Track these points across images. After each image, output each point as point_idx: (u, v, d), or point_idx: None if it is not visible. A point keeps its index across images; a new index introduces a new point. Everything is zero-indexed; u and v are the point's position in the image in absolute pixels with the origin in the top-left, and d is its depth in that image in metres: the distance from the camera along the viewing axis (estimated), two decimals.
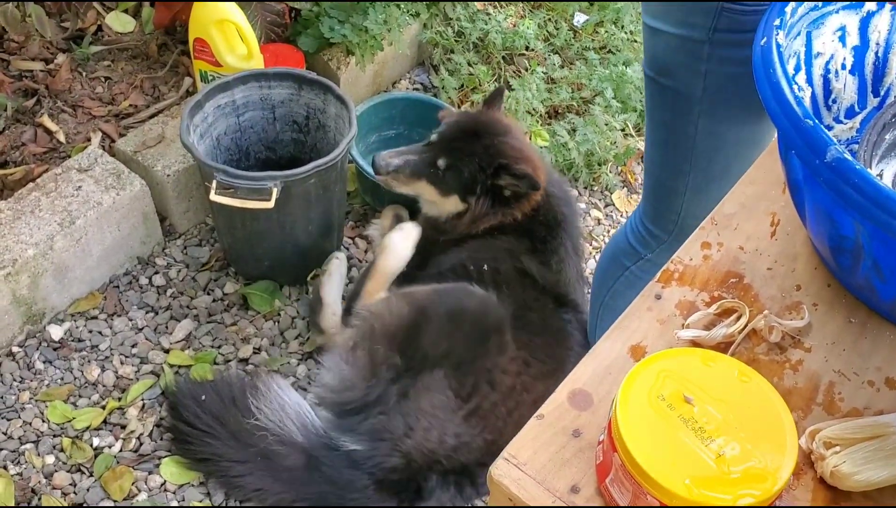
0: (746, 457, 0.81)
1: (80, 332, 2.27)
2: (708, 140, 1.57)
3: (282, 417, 1.98)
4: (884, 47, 1.21)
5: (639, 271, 1.85)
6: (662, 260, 1.77)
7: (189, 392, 2.06)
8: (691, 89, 1.51)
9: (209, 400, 2.02)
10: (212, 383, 2.10)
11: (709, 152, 1.59)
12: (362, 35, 2.67)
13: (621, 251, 1.90)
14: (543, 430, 0.94)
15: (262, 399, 1.99)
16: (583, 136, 2.81)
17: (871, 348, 1.04)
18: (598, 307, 2.03)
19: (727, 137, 1.56)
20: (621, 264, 1.89)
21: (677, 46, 1.50)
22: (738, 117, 1.52)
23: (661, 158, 1.69)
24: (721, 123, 1.54)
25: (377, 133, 2.78)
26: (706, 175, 1.62)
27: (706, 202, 1.63)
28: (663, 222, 1.76)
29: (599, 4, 3.23)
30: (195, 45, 2.45)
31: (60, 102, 2.62)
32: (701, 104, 1.52)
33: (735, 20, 1.41)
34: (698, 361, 0.89)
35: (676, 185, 1.67)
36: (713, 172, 1.62)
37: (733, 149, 1.58)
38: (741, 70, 1.43)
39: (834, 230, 0.98)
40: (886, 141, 1.13)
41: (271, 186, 2.06)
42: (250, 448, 1.95)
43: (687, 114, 1.55)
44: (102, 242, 2.29)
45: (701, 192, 1.65)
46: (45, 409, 2.11)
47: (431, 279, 2.18)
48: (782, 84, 0.95)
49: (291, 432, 1.96)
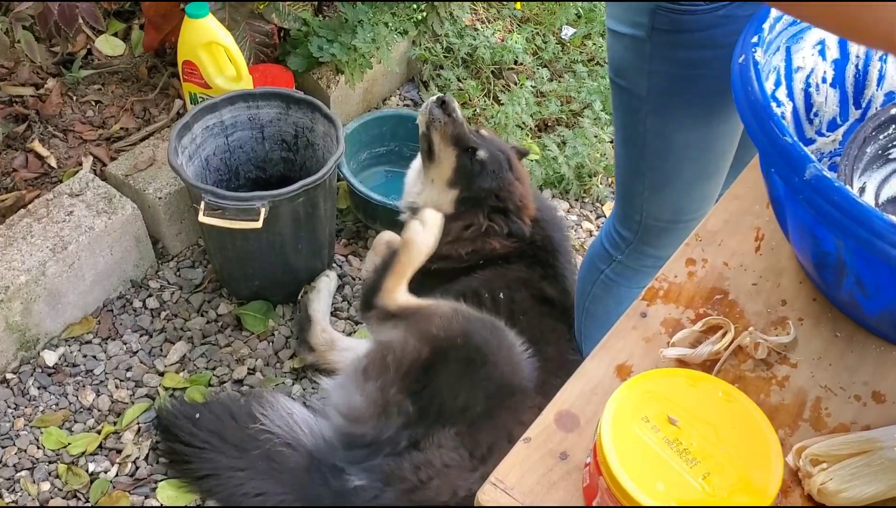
0: (732, 477, 0.81)
1: (74, 357, 2.27)
2: (657, 141, 1.58)
3: (289, 423, 1.95)
4: (864, 60, 1.21)
5: (612, 273, 1.87)
6: (631, 262, 1.81)
7: (182, 413, 2.05)
8: (639, 89, 1.53)
9: (204, 419, 2.00)
10: (205, 404, 2.09)
11: (660, 153, 1.60)
12: (351, 54, 2.68)
13: (597, 256, 1.92)
14: (531, 453, 0.94)
15: (269, 408, 1.97)
16: (572, 148, 2.82)
17: (857, 362, 1.04)
18: (581, 314, 2.05)
19: (674, 138, 1.57)
20: (597, 268, 1.91)
21: (627, 46, 1.52)
22: (682, 119, 1.54)
23: (622, 160, 1.71)
24: (667, 125, 1.56)
25: (368, 150, 2.78)
26: (660, 176, 1.64)
27: (663, 204, 1.68)
28: (629, 223, 1.77)
29: (587, 17, 3.24)
30: (184, 67, 2.46)
31: (51, 127, 2.63)
32: (647, 104, 1.53)
33: (670, 19, 1.42)
34: (682, 381, 0.89)
35: (635, 185, 1.69)
36: (666, 173, 1.63)
37: (682, 151, 1.59)
38: (681, 72, 1.46)
39: (816, 247, 0.99)
40: (868, 154, 1.14)
41: (259, 207, 2.07)
42: (253, 453, 1.92)
43: (637, 113, 1.56)
44: (95, 266, 2.29)
45: (657, 193, 1.67)
46: (40, 435, 2.11)
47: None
48: (760, 102, 0.96)
49: (299, 435, 1.93)
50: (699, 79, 1.46)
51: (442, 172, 2.26)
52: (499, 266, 2.23)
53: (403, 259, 2.13)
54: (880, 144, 1.15)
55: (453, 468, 1.81)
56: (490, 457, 1.82)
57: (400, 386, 1.90)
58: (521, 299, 2.16)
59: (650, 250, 1.78)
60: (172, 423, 2.04)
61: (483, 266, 2.23)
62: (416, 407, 1.88)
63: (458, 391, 1.88)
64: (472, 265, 2.23)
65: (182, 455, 2.01)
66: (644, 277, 1.83)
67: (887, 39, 0.79)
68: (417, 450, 1.83)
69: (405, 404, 1.88)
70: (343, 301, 2.49)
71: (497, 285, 2.17)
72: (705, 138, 1.56)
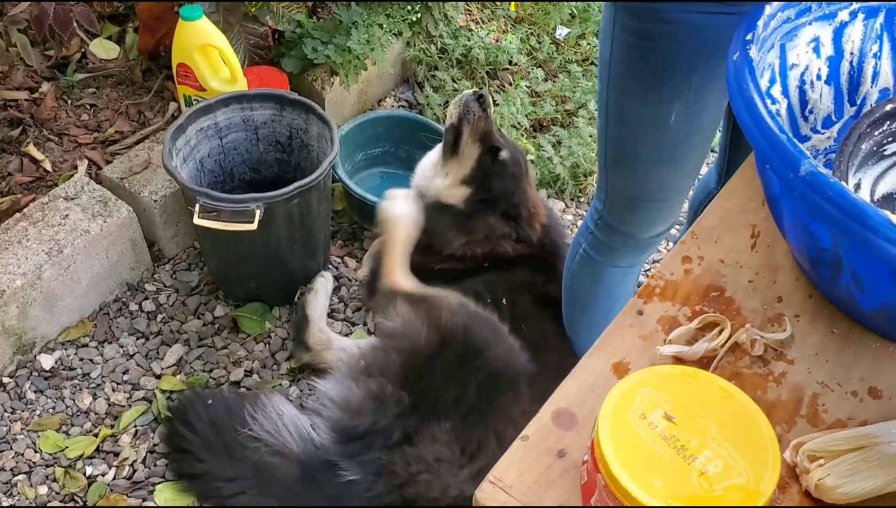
0: (729, 474, 0.81)
1: (70, 360, 2.26)
2: (617, 111, 1.59)
3: (278, 426, 1.95)
4: (858, 57, 1.22)
5: (588, 247, 1.87)
6: (602, 235, 1.82)
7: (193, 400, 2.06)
8: (605, 54, 1.54)
9: (203, 415, 2.01)
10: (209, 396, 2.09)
11: (618, 125, 1.61)
12: (346, 55, 2.68)
13: (580, 231, 1.93)
14: (528, 451, 0.94)
15: (261, 411, 1.97)
16: (567, 148, 2.82)
17: (853, 358, 1.04)
18: (565, 292, 2.06)
19: (629, 110, 1.57)
20: (578, 242, 1.91)
21: (604, 11, 1.54)
22: (635, 92, 1.53)
23: (597, 125, 1.72)
24: (623, 95, 1.56)
25: (363, 152, 2.78)
26: (618, 150, 1.65)
27: (624, 179, 1.68)
28: (601, 193, 1.78)
29: (581, 17, 3.25)
30: (178, 70, 2.46)
31: (46, 131, 2.62)
32: (610, 70, 1.54)
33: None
34: (679, 378, 0.89)
35: (601, 152, 1.70)
36: (623, 147, 1.64)
37: (637, 127, 1.59)
38: (636, 41, 1.46)
39: (812, 243, 0.99)
40: (863, 151, 1.14)
41: (254, 208, 2.07)
42: (243, 463, 1.92)
43: (603, 80, 1.58)
44: (91, 269, 2.28)
45: (617, 166, 1.68)
46: (38, 439, 2.10)
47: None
48: (755, 99, 0.96)
49: (287, 442, 1.93)
50: (651, 52, 1.45)
51: (462, 168, 2.25)
52: (503, 270, 2.23)
53: (391, 237, 2.19)
54: (875, 140, 1.15)
55: (444, 463, 1.81)
56: (479, 454, 1.83)
57: (399, 375, 1.91)
58: (523, 303, 2.16)
59: (617, 225, 1.77)
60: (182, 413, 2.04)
61: (487, 269, 2.23)
62: (412, 397, 1.88)
63: (453, 384, 1.89)
64: (477, 268, 2.23)
65: (181, 452, 2.01)
66: (616, 254, 1.83)
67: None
68: (410, 444, 1.84)
69: (402, 396, 1.89)
70: (339, 303, 2.49)
71: (500, 288, 2.18)
72: (659, 117, 1.53)
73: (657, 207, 1.72)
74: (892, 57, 1.22)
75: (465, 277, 2.21)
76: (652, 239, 1.81)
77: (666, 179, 1.67)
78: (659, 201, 1.70)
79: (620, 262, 1.86)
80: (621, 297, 1.90)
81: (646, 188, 1.68)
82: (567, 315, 2.08)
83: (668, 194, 1.70)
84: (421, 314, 2.00)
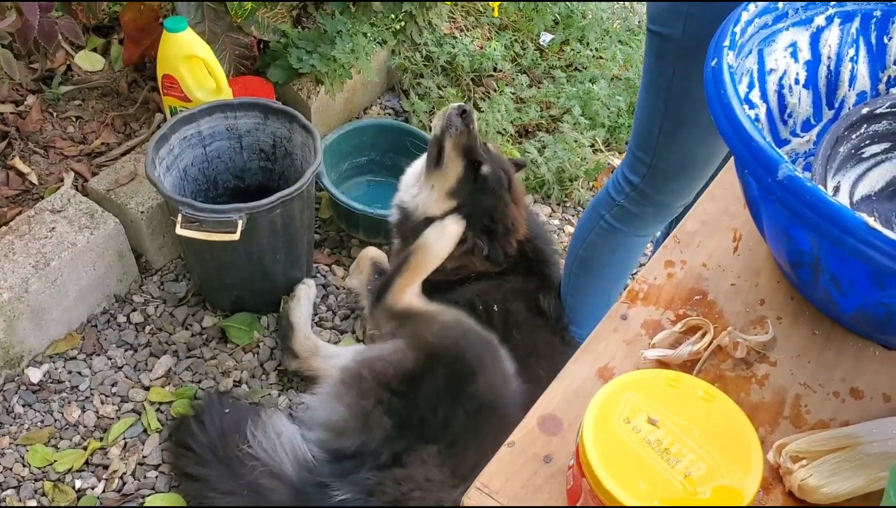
0: (713, 476, 0.82)
1: (59, 373, 2.26)
2: (682, 83, 1.66)
3: (275, 446, 1.95)
4: (835, 61, 1.23)
5: (612, 218, 1.94)
6: (633, 206, 1.88)
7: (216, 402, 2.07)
8: (673, 31, 1.60)
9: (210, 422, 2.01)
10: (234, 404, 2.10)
11: (681, 94, 1.68)
12: (331, 64, 2.69)
13: (600, 203, 1.98)
14: (515, 457, 0.95)
15: (261, 430, 1.97)
16: (553, 153, 2.84)
17: (835, 359, 1.05)
18: (571, 263, 2.10)
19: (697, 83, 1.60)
20: (598, 214, 1.98)
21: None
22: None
23: (643, 101, 1.79)
24: (696, 67, 1.59)
25: (349, 160, 2.79)
26: (676, 120, 1.72)
27: (676, 148, 1.76)
28: (638, 167, 1.85)
29: (565, 23, 3.26)
30: (164, 81, 2.46)
31: (32, 144, 2.62)
32: (678, 47, 1.61)
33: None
34: (662, 382, 0.90)
35: (652, 126, 1.76)
36: (683, 117, 1.71)
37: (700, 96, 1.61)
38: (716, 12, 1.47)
39: (792, 246, 1.00)
40: (841, 154, 1.15)
41: (236, 218, 2.07)
42: (239, 479, 1.92)
43: (667, 56, 1.65)
44: (78, 282, 2.28)
45: (671, 135, 1.74)
46: (26, 453, 2.09)
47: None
48: (733, 104, 0.97)
49: (283, 464, 1.93)
50: None
51: (445, 181, 2.24)
52: (495, 278, 2.23)
53: (414, 262, 2.15)
54: (853, 143, 1.17)
55: (434, 483, 1.80)
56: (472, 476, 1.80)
57: (381, 396, 1.90)
58: (516, 310, 2.17)
59: (655, 195, 1.86)
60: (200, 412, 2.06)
61: (479, 278, 2.23)
62: (397, 419, 1.87)
63: (439, 406, 1.88)
64: (464, 279, 2.23)
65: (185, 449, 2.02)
66: (643, 223, 1.93)
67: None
68: (400, 466, 1.83)
69: (384, 421, 1.88)
70: (328, 311, 2.49)
71: (493, 296, 2.18)
72: None
73: (698, 175, 1.82)
74: (869, 61, 1.24)
75: (455, 286, 2.22)
76: (680, 207, 1.91)
77: (717, 146, 1.75)
78: (703, 169, 1.80)
79: (645, 231, 1.97)
80: (634, 263, 2.07)
81: (697, 157, 1.77)
82: (572, 285, 2.13)
83: (714, 162, 1.79)
84: (407, 330, 1.99)
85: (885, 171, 1.19)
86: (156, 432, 2.16)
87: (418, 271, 2.16)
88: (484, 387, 1.89)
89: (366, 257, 2.43)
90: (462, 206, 2.22)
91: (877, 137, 1.18)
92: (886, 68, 1.24)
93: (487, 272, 2.23)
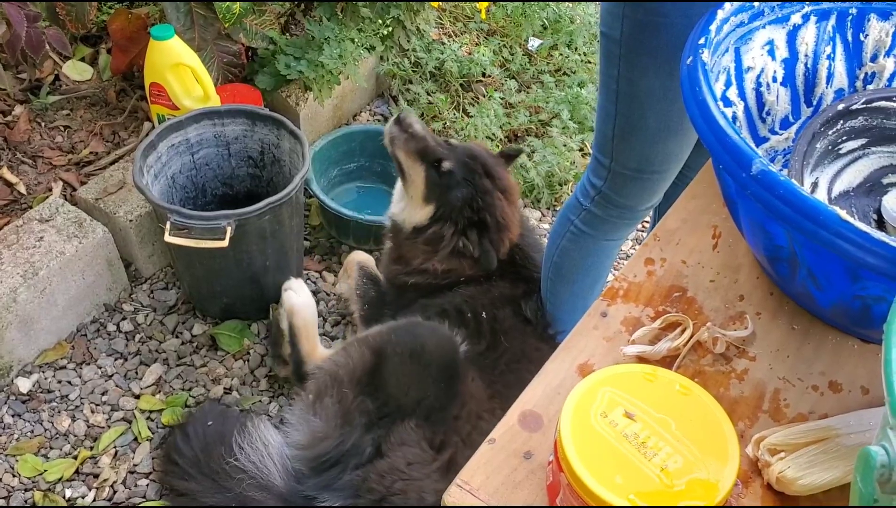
0: (689, 469, 0.83)
1: (48, 383, 2.26)
2: (627, 86, 1.66)
3: (263, 457, 1.94)
4: (812, 58, 1.24)
5: (581, 223, 1.94)
6: (599, 210, 1.89)
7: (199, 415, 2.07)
8: (614, 32, 1.60)
9: (196, 433, 2.01)
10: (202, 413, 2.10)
11: (628, 99, 1.68)
12: (319, 70, 2.70)
13: (569, 208, 1.98)
14: (495, 454, 0.95)
15: (248, 440, 1.96)
16: (542, 157, 2.85)
17: (814, 353, 1.06)
18: (547, 270, 2.10)
19: (640, 85, 1.64)
20: (568, 219, 1.97)
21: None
22: (647, 66, 1.60)
23: (599, 104, 1.79)
24: (634, 70, 1.63)
25: (338, 167, 2.80)
26: (628, 123, 1.71)
27: (630, 152, 1.76)
28: (600, 171, 1.85)
29: (553, 28, 3.28)
30: (151, 89, 2.47)
31: (20, 154, 2.62)
32: (621, 48, 1.61)
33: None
34: (639, 376, 0.90)
35: (607, 129, 1.76)
36: (633, 120, 1.70)
37: (647, 99, 1.65)
38: (646, 18, 1.53)
39: (769, 241, 1.01)
40: (818, 150, 1.16)
41: (225, 225, 2.07)
42: (227, 493, 1.91)
43: (612, 57, 1.64)
44: (67, 291, 2.28)
45: (625, 140, 1.74)
46: (16, 463, 2.09)
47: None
48: (708, 101, 0.98)
49: (272, 475, 1.92)
50: (661, 27, 1.52)
51: (416, 189, 2.26)
52: (481, 283, 2.22)
53: (298, 324, 2.22)
54: (830, 139, 1.17)
55: (415, 465, 1.82)
56: (446, 447, 1.85)
57: (355, 389, 1.93)
58: (503, 317, 2.16)
59: (617, 198, 1.85)
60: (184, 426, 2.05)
61: (466, 282, 2.23)
62: (376, 403, 1.90)
63: (406, 382, 1.92)
64: (453, 283, 2.23)
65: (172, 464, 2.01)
66: (611, 227, 1.92)
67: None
68: (381, 457, 1.84)
69: (364, 401, 1.90)
70: (318, 317, 2.49)
71: (480, 301, 2.17)
72: (668, 89, 1.60)
73: (659, 177, 1.81)
74: (846, 58, 1.25)
75: (443, 290, 2.22)
76: (645, 210, 1.90)
77: (671, 149, 1.74)
78: (661, 172, 1.79)
79: (614, 235, 1.96)
80: (608, 268, 2.05)
81: (652, 159, 1.76)
82: (551, 291, 2.12)
83: (671, 164, 1.78)
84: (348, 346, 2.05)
85: (863, 166, 1.20)
86: (146, 440, 2.16)
87: (307, 330, 2.24)
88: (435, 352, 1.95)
89: (353, 261, 2.44)
90: (441, 207, 2.23)
91: (854, 133, 1.19)
92: (863, 65, 1.25)
93: (476, 276, 2.22)
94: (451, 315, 2.14)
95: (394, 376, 1.93)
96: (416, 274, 2.24)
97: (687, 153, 1.80)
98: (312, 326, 2.25)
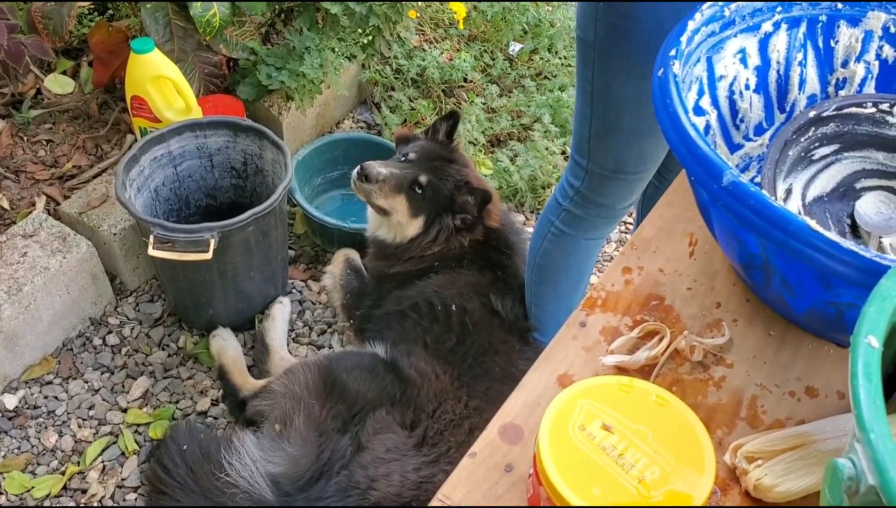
0: (666, 480, 0.84)
1: (35, 399, 2.25)
2: (601, 88, 1.69)
3: (252, 473, 1.94)
4: (784, 65, 1.25)
5: (561, 223, 1.97)
6: (578, 210, 1.91)
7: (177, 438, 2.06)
8: (588, 36, 1.63)
9: (185, 453, 2.00)
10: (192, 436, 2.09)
11: (603, 101, 1.71)
12: (300, 80, 2.70)
13: (549, 209, 2.01)
14: (476, 468, 0.96)
15: (236, 457, 1.96)
16: (524, 161, 2.86)
17: (790, 359, 1.07)
18: (530, 273, 2.13)
19: (614, 87, 1.67)
20: (549, 220, 2.00)
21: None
22: (620, 69, 1.63)
23: (576, 106, 1.81)
24: (608, 73, 1.66)
25: (322, 175, 2.80)
26: (603, 124, 1.74)
27: (607, 153, 1.79)
28: (578, 172, 1.87)
29: (533, 32, 3.29)
30: (133, 102, 2.47)
31: (3, 169, 2.62)
32: (594, 50, 1.63)
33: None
34: (615, 388, 0.91)
35: (584, 130, 1.79)
36: (608, 122, 1.73)
37: (621, 101, 1.68)
38: (619, 22, 1.55)
39: (742, 249, 1.02)
40: (791, 157, 1.17)
41: (208, 237, 2.07)
42: None
43: (587, 60, 1.67)
44: (52, 306, 2.28)
45: (601, 141, 1.77)
46: (3, 480, 2.09)
47: (392, 317, 2.23)
48: (679, 113, 0.99)
49: (262, 490, 1.92)
50: (633, 31, 1.54)
51: (402, 215, 2.31)
52: (451, 270, 2.28)
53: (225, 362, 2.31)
54: (802, 146, 1.18)
55: (392, 450, 1.89)
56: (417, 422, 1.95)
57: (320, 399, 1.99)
58: (472, 309, 2.19)
59: (596, 197, 1.88)
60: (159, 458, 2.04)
61: (437, 269, 2.28)
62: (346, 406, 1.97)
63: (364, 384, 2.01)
64: (426, 269, 2.29)
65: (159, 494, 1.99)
66: (591, 226, 1.95)
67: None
68: (362, 450, 1.90)
69: (335, 405, 1.97)
70: (304, 327, 2.50)
71: (449, 292, 2.22)
72: (642, 92, 1.62)
73: (635, 178, 1.83)
74: (817, 64, 1.26)
75: (414, 280, 2.29)
76: (624, 209, 1.93)
77: (646, 150, 1.77)
78: (637, 172, 1.81)
79: (594, 234, 1.98)
80: (590, 268, 2.08)
81: (628, 160, 1.78)
82: (534, 294, 2.15)
83: (647, 165, 1.81)
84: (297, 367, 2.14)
85: (836, 172, 1.21)
86: (133, 454, 2.16)
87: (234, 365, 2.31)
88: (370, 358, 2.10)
89: (340, 255, 2.54)
90: (430, 214, 2.29)
91: (826, 139, 1.20)
92: (835, 71, 1.27)
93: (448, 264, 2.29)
94: (423, 310, 2.20)
95: (349, 380, 2.01)
96: (402, 264, 2.31)
97: (663, 154, 1.82)
98: (238, 363, 2.31)
